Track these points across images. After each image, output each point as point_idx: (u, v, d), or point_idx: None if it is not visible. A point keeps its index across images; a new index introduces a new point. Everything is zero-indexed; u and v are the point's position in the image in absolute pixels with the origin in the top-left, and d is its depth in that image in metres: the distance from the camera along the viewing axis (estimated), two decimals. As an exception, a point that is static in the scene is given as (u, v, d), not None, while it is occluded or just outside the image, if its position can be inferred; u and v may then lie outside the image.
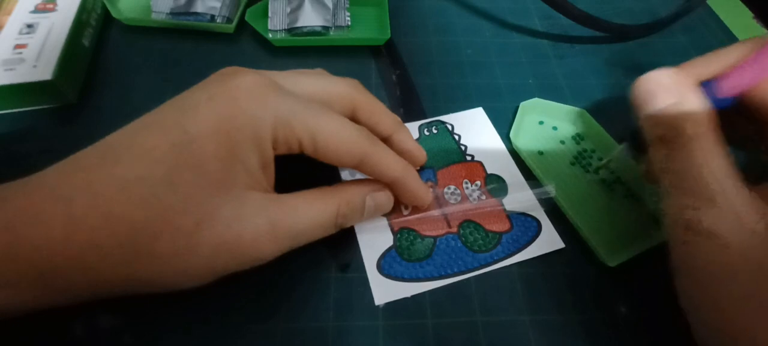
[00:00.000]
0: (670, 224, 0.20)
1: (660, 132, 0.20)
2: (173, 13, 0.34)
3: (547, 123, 0.31)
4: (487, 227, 0.25)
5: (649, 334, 0.23)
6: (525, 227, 0.25)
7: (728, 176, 0.18)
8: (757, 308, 0.17)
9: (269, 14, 0.34)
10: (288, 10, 0.34)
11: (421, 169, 0.27)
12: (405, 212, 0.25)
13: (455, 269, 0.24)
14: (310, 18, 0.34)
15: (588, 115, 0.30)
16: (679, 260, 0.20)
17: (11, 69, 0.28)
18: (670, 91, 0.20)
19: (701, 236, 0.18)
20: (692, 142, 0.19)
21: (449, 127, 0.30)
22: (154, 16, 0.34)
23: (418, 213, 0.25)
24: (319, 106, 0.21)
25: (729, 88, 0.20)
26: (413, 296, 0.23)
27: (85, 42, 0.31)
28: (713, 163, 0.19)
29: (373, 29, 0.36)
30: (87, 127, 0.28)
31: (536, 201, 0.26)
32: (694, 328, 0.20)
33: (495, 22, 0.38)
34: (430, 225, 0.25)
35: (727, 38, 0.38)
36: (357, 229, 0.25)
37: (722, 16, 0.40)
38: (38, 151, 0.26)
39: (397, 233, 0.25)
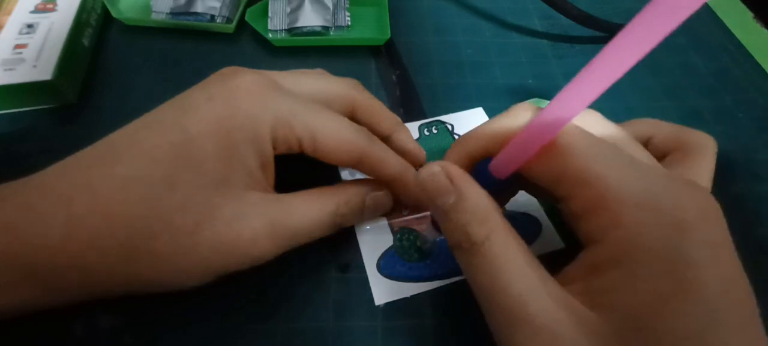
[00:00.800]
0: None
1: (455, 240, 0.17)
2: (173, 13, 0.34)
3: (547, 123, 0.30)
4: (487, 226, 0.25)
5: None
6: (525, 227, 0.25)
7: (533, 278, 0.16)
8: None
9: (269, 14, 0.34)
10: (288, 10, 0.34)
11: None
12: (405, 212, 0.25)
13: (455, 269, 0.24)
14: (310, 18, 0.34)
15: (588, 115, 0.30)
16: None
17: (11, 69, 0.28)
18: (446, 188, 0.17)
19: None
20: (485, 246, 0.16)
21: (449, 127, 0.30)
22: (154, 16, 0.34)
23: (418, 213, 0.25)
24: (319, 106, 0.21)
25: (501, 170, 0.18)
26: (413, 296, 0.23)
27: (85, 42, 0.31)
28: (512, 266, 0.16)
29: (373, 29, 0.36)
30: (87, 127, 0.28)
31: (536, 201, 0.26)
32: None
33: (495, 22, 0.38)
34: (430, 225, 0.25)
35: (727, 38, 0.38)
36: (357, 229, 0.25)
37: (722, 16, 0.40)
38: (38, 151, 0.26)
39: (397, 233, 0.25)
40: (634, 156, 0.17)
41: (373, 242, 0.24)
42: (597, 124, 0.20)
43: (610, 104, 0.32)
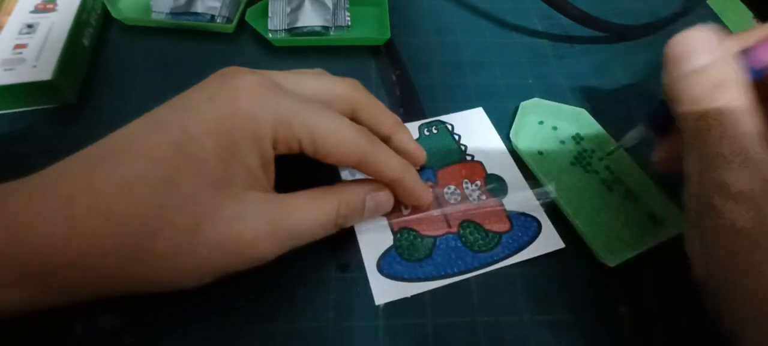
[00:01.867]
0: (697, 194, 0.19)
1: (696, 93, 0.19)
2: (173, 13, 0.34)
3: (547, 123, 0.31)
4: (487, 227, 0.25)
5: (649, 334, 0.23)
6: (525, 227, 0.25)
7: (762, 143, 0.18)
8: None
9: (269, 14, 0.34)
10: (288, 10, 0.34)
11: (421, 169, 0.27)
12: (405, 212, 0.25)
13: (455, 269, 0.24)
14: (310, 18, 0.34)
15: (588, 115, 0.30)
16: (709, 230, 0.19)
17: (11, 69, 0.28)
18: (709, 50, 0.19)
19: (731, 199, 0.17)
20: (729, 106, 0.18)
21: (449, 127, 0.30)
22: (154, 16, 0.34)
23: (418, 213, 0.25)
24: (319, 106, 0.21)
25: (760, 59, 0.20)
26: (413, 296, 0.23)
27: (85, 42, 0.31)
28: (748, 128, 0.18)
29: (373, 29, 0.36)
30: (87, 127, 0.28)
31: (536, 201, 0.26)
32: (726, 313, 0.18)
33: (495, 22, 0.38)
34: (430, 225, 0.25)
35: (727, 38, 0.38)
36: (357, 229, 0.25)
37: (722, 16, 0.40)
38: (38, 151, 0.26)
39: (397, 233, 0.25)
40: None
41: (373, 242, 0.24)
42: None
43: (610, 105, 0.32)
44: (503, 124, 0.30)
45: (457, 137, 0.29)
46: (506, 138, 0.29)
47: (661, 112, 0.23)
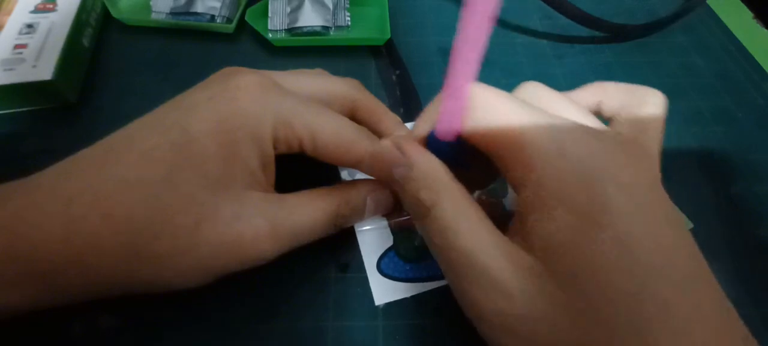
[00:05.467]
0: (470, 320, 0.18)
1: (411, 209, 0.18)
2: (173, 13, 0.34)
3: (547, 123, 0.30)
4: (487, 227, 0.25)
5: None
6: (525, 227, 0.25)
7: (484, 235, 0.16)
8: None
9: (269, 14, 0.34)
10: (288, 10, 0.34)
11: (421, 169, 0.27)
12: (405, 212, 0.25)
13: (455, 269, 0.24)
14: (310, 18, 0.34)
15: (588, 115, 0.30)
16: None
17: (11, 69, 0.28)
18: (398, 160, 0.18)
19: (487, 322, 0.16)
20: (436, 209, 0.17)
21: (449, 127, 0.30)
22: (154, 16, 0.34)
23: (418, 213, 0.25)
24: (319, 106, 0.21)
25: (443, 133, 0.19)
26: (413, 296, 0.23)
27: (85, 42, 0.31)
28: (464, 225, 0.17)
29: (373, 29, 0.36)
30: (87, 127, 0.28)
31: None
32: None
33: (495, 22, 0.38)
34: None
35: (727, 38, 0.38)
36: (357, 229, 0.25)
37: (722, 16, 0.40)
38: (38, 151, 0.26)
39: (397, 233, 0.25)
40: (558, 113, 0.18)
41: (373, 242, 0.24)
42: (539, 92, 0.21)
43: (610, 104, 0.32)
44: (503, 124, 0.30)
45: (457, 137, 0.29)
46: (506, 138, 0.29)
47: None
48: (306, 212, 0.20)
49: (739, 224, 0.27)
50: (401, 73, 0.33)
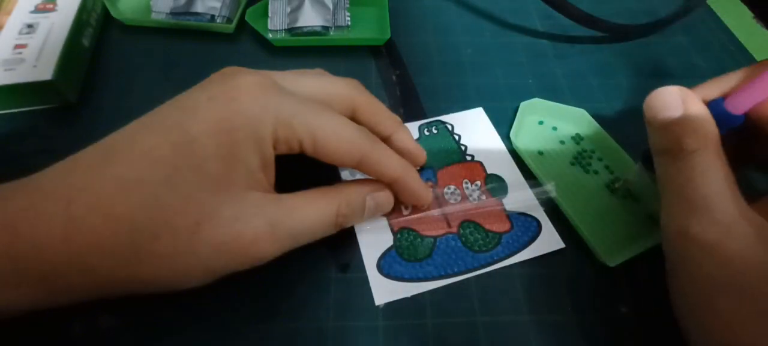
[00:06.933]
0: (665, 233, 0.21)
1: (664, 143, 0.21)
2: (173, 13, 0.34)
3: (547, 123, 0.31)
4: (487, 227, 0.25)
5: (649, 334, 0.23)
6: (525, 227, 0.25)
7: (725, 189, 0.19)
8: (756, 320, 0.17)
9: (269, 14, 0.34)
10: (288, 10, 0.34)
11: (421, 169, 0.27)
12: (405, 212, 0.25)
13: (455, 269, 0.24)
14: (310, 18, 0.34)
15: (588, 115, 0.30)
16: (673, 268, 0.20)
17: (11, 69, 0.28)
18: (677, 104, 0.21)
19: (693, 244, 0.19)
20: (693, 155, 0.19)
21: (449, 127, 0.30)
22: (154, 16, 0.34)
23: (418, 213, 0.25)
24: (320, 106, 0.21)
25: (736, 105, 0.21)
26: (413, 296, 0.23)
27: (85, 42, 0.31)
28: (711, 176, 0.19)
29: (373, 29, 0.36)
30: (87, 127, 0.28)
31: (536, 201, 0.26)
32: (690, 337, 0.20)
33: (495, 22, 0.38)
34: (430, 225, 0.25)
35: (727, 38, 0.38)
36: (357, 229, 0.25)
37: (722, 16, 0.40)
38: (38, 151, 0.26)
39: (397, 233, 0.25)
40: None
41: (373, 242, 0.24)
42: None
43: (610, 105, 0.32)
44: (503, 124, 0.30)
45: (457, 137, 0.29)
46: (506, 138, 0.29)
47: (649, 155, 0.24)
48: (306, 213, 0.21)
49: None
50: (401, 73, 0.33)
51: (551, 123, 0.31)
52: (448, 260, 0.24)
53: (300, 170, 0.22)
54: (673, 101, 0.21)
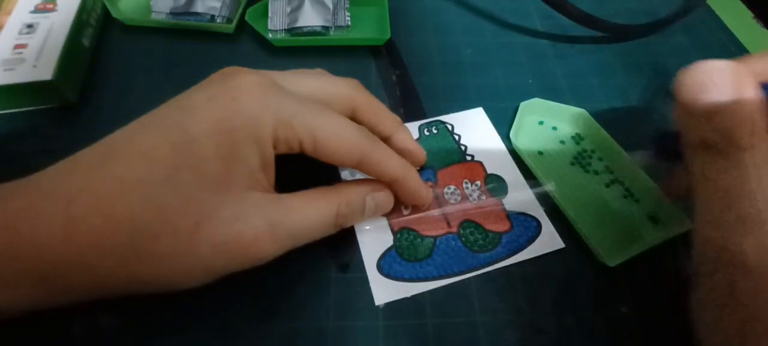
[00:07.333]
0: (701, 245, 0.17)
1: (707, 134, 0.17)
2: (173, 13, 0.34)
3: (547, 123, 0.31)
4: (487, 227, 0.25)
5: (649, 334, 0.23)
6: (525, 227, 0.25)
7: None
8: None
9: (269, 14, 0.34)
10: (288, 10, 0.34)
11: (421, 169, 0.27)
12: (405, 212, 0.25)
13: (455, 269, 0.24)
14: (310, 18, 0.34)
15: (588, 115, 0.30)
16: (707, 290, 0.17)
17: (11, 69, 0.28)
18: (727, 85, 0.16)
19: (738, 267, 0.16)
20: (747, 154, 0.16)
21: (449, 127, 0.30)
22: (154, 16, 0.34)
23: (418, 213, 0.25)
24: (320, 106, 0.21)
25: None
26: (413, 296, 0.23)
27: (85, 42, 0.31)
28: (760, 186, 0.16)
29: (373, 29, 0.36)
30: (87, 127, 0.28)
31: (536, 201, 0.26)
32: None
33: (495, 22, 0.38)
34: (430, 225, 0.25)
35: (727, 38, 0.38)
36: (357, 229, 0.25)
37: (722, 16, 0.40)
38: (38, 151, 0.26)
39: (397, 233, 0.25)
40: None
41: (373, 242, 0.24)
42: None
43: (610, 105, 0.32)
44: (503, 124, 0.30)
45: (457, 137, 0.29)
46: (506, 138, 0.29)
47: (670, 142, 0.21)
48: (306, 213, 0.21)
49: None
50: (401, 73, 0.33)
51: (551, 123, 0.31)
52: (448, 260, 0.24)
53: (300, 170, 0.22)
54: (723, 81, 0.16)
